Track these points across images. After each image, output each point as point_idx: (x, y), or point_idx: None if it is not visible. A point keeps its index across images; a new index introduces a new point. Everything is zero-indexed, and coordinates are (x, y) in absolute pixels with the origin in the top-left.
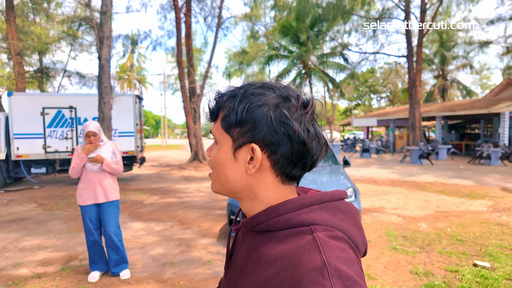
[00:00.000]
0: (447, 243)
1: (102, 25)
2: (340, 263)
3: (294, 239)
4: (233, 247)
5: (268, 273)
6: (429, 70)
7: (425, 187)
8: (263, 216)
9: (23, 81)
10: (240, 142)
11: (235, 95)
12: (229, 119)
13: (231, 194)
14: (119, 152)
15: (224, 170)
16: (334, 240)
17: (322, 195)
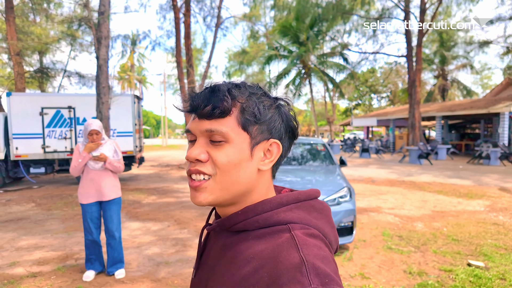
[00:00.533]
0: (442, 243)
1: (100, 25)
2: (318, 261)
3: (271, 238)
4: (204, 246)
5: (244, 271)
6: (429, 70)
7: (423, 187)
8: (240, 215)
9: (23, 81)
10: (258, 139)
11: (252, 93)
12: (249, 117)
13: (231, 199)
14: (120, 151)
15: (239, 170)
16: (311, 238)
17: (299, 194)
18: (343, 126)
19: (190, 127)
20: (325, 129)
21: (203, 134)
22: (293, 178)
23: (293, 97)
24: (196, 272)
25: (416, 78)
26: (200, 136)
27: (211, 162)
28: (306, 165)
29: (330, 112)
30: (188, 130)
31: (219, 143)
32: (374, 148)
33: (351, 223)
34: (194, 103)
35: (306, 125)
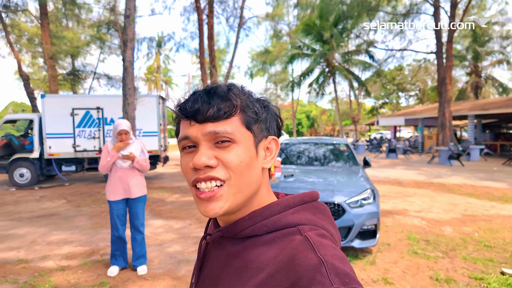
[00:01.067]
0: (473, 249)
1: (126, 29)
2: (336, 261)
3: (282, 241)
4: (203, 259)
5: (258, 279)
6: (461, 66)
7: (452, 189)
8: (248, 220)
9: (56, 84)
10: (259, 137)
11: (250, 94)
12: (252, 116)
13: (244, 202)
14: (147, 150)
15: (250, 170)
16: (323, 238)
17: (304, 195)
18: (369, 125)
19: (189, 133)
20: (350, 128)
21: (206, 137)
22: (315, 179)
23: (316, 96)
24: (195, 287)
25: (447, 76)
26: (203, 141)
27: (222, 166)
28: (328, 165)
29: (355, 111)
30: (187, 136)
31: (225, 144)
32: (402, 149)
33: (375, 226)
34: (194, 106)
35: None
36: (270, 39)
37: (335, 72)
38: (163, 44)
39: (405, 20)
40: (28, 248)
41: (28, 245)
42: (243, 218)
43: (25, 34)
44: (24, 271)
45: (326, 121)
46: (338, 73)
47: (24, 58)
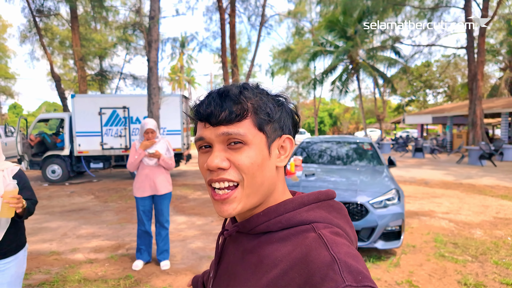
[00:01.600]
0: (505, 254)
1: (150, 29)
2: (349, 258)
3: (296, 238)
4: (221, 254)
5: (273, 274)
6: (494, 61)
7: (484, 191)
8: (262, 217)
9: (85, 84)
10: (273, 137)
11: (256, 94)
12: (263, 116)
13: (259, 202)
14: (172, 149)
15: (263, 171)
16: (337, 236)
17: (319, 194)
18: (395, 123)
19: (204, 134)
20: (374, 126)
21: (219, 139)
22: (338, 178)
23: (340, 94)
24: (213, 281)
25: (478, 71)
26: (217, 143)
27: (234, 168)
28: (351, 165)
29: (380, 109)
30: (202, 137)
31: (237, 145)
32: (429, 148)
33: (399, 227)
34: (208, 110)
35: (354, 122)
36: (292, 36)
37: (359, 69)
38: (186, 44)
39: (433, 14)
40: (59, 240)
41: (59, 238)
42: (257, 214)
43: (57, 37)
44: (56, 262)
45: (349, 119)
46: (362, 70)
47: (56, 60)
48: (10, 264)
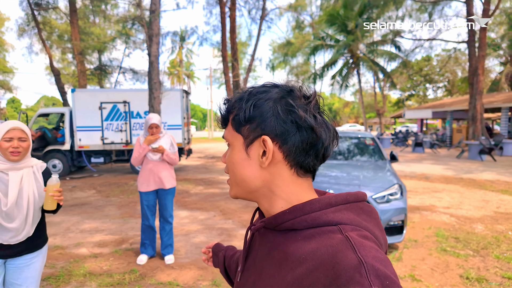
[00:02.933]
0: (506, 248)
1: (151, 23)
2: (377, 262)
3: (322, 238)
4: (249, 248)
5: (298, 273)
6: (495, 56)
7: (484, 186)
8: (288, 214)
9: (85, 78)
10: (250, 138)
11: (241, 97)
12: (238, 117)
13: (249, 195)
14: (176, 144)
15: (240, 169)
16: (365, 239)
17: (348, 195)
18: (394, 118)
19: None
20: (374, 121)
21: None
22: (339, 173)
23: (340, 88)
24: (241, 274)
25: (479, 66)
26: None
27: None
28: (353, 160)
29: (380, 103)
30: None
31: (229, 146)
32: (429, 142)
33: (402, 222)
34: (219, 115)
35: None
36: (292, 30)
37: (360, 63)
38: (186, 38)
39: (435, 8)
40: (63, 235)
41: (63, 232)
42: (284, 212)
43: (56, 30)
44: (60, 256)
45: (349, 113)
46: (362, 64)
47: (54, 54)
48: (36, 258)
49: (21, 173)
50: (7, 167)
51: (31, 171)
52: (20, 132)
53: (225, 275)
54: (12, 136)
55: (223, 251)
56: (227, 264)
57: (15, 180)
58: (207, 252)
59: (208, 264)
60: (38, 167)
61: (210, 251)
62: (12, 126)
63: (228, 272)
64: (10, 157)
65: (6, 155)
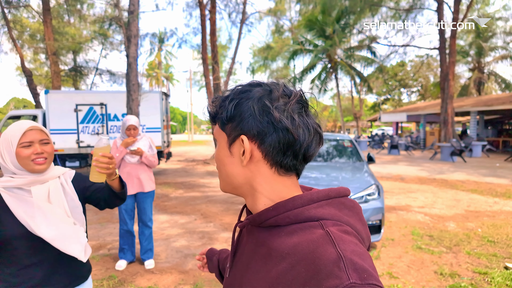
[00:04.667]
0: (476, 244)
1: (130, 24)
2: (355, 256)
3: (303, 233)
4: (237, 245)
5: (280, 268)
6: (464, 62)
7: (455, 186)
8: (272, 211)
9: (59, 79)
10: (232, 136)
11: (227, 96)
12: (221, 116)
13: (234, 190)
14: (155, 146)
15: (224, 165)
16: (345, 234)
17: (329, 191)
18: (371, 121)
19: None
20: (351, 124)
21: None
22: (318, 174)
23: (319, 92)
24: (230, 270)
25: (450, 71)
26: None
27: None
28: (331, 161)
29: (357, 107)
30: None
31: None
32: (404, 145)
33: (379, 222)
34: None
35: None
36: (272, 34)
37: (337, 68)
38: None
39: (408, 15)
40: None
41: None
42: (267, 209)
43: (27, 30)
44: None
45: (327, 117)
46: (340, 69)
47: (26, 54)
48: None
49: (47, 186)
50: (28, 181)
51: (58, 183)
52: (40, 133)
53: (220, 278)
54: (32, 140)
55: (216, 255)
56: (221, 266)
57: (41, 196)
58: (201, 259)
59: (204, 270)
60: (67, 176)
61: (204, 257)
62: (28, 126)
63: (223, 274)
64: (35, 166)
65: (28, 165)
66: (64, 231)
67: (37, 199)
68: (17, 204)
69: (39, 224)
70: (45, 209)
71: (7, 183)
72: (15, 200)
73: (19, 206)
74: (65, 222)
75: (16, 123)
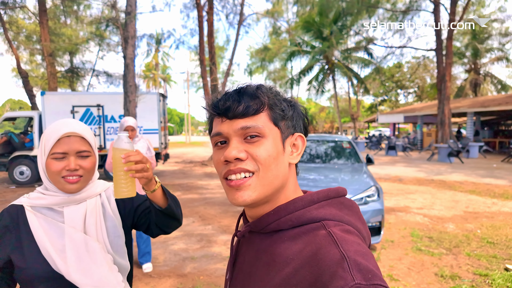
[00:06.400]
0: (476, 246)
1: (127, 25)
2: (359, 256)
3: (307, 236)
4: (236, 255)
5: (284, 273)
6: (460, 63)
7: (454, 187)
8: (272, 215)
9: (55, 81)
10: (286, 133)
11: (277, 93)
12: (279, 113)
13: (272, 195)
14: (153, 148)
15: (277, 164)
16: (348, 234)
17: (329, 191)
18: (368, 122)
19: (221, 129)
20: (348, 125)
21: (237, 133)
22: (317, 176)
23: (316, 94)
24: (230, 282)
25: (446, 73)
26: (234, 136)
27: (251, 159)
28: (330, 163)
29: (354, 108)
30: (219, 132)
31: (254, 139)
32: (401, 146)
33: (379, 223)
34: (226, 104)
35: (329, 122)
36: (269, 36)
37: (335, 69)
38: (163, 41)
39: (405, 17)
40: None
41: None
42: (268, 213)
43: (23, 31)
44: None
45: (324, 118)
46: (337, 70)
47: (22, 55)
48: None
49: (84, 208)
50: (60, 200)
51: (98, 203)
52: (79, 142)
53: None
54: (66, 151)
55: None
56: None
57: (75, 222)
58: None
59: None
60: (109, 194)
61: None
62: (65, 132)
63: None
64: (65, 185)
65: (58, 182)
66: (100, 277)
67: (70, 225)
68: (45, 230)
69: (70, 265)
70: (78, 241)
71: (37, 200)
72: (43, 225)
73: (46, 234)
74: (101, 263)
75: (57, 122)
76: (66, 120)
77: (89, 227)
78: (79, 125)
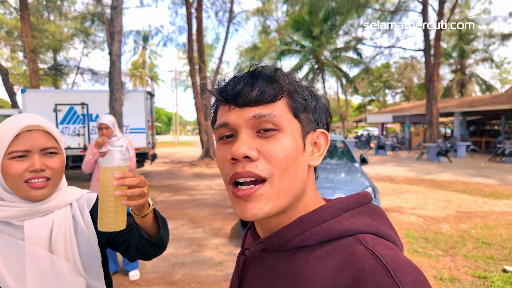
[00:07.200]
0: (472, 246)
1: (113, 20)
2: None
3: (340, 255)
4: (241, 278)
5: None
6: (447, 64)
7: (444, 186)
8: (294, 229)
9: (37, 78)
10: (307, 128)
11: (297, 81)
12: (300, 101)
13: (289, 205)
14: (133, 148)
15: (296, 166)
16: (395, 254)
17: (358, 196)
18: (356, 122)
19: (228, 119)
20: (337, 125)
21: (249, 123)
22: None
23: None
24: None
25: (434, 73)
26: (244, 128)
27: (264, 160)
28: (323, 163)
29: (343, 108)
30: (225, 123)
31: (269, 133)
32: (390, 145)
33: None
34: (236, 88)
35: None
36: (259, 35)
37: (324, 68)
38: (150, 39)
39: (393, 17)
40: None
41: None
42: (288, 226)
43: (3, 26)
44: None
45: None
46: (327, 70)
47: (2, 51)
48: None
49: (50, 221)
50: (20, 212)
51: (69, 214)
52: (43, 137)
53: None
54: (29, 148)
55: None
56: None
57: (38, 239)
58: None
59: None
60: (83, 203)
61: None
62: (26, 125)
63: None
64: (30, 192)
65: (20, 188)
66: None
67: (32, 242)
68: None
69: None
70: (42, 261)
71: None
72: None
73: (0, 254)
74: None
75: (11, 118)
76: (23, 115)
77: (56, 245)
78: (42, 118)
